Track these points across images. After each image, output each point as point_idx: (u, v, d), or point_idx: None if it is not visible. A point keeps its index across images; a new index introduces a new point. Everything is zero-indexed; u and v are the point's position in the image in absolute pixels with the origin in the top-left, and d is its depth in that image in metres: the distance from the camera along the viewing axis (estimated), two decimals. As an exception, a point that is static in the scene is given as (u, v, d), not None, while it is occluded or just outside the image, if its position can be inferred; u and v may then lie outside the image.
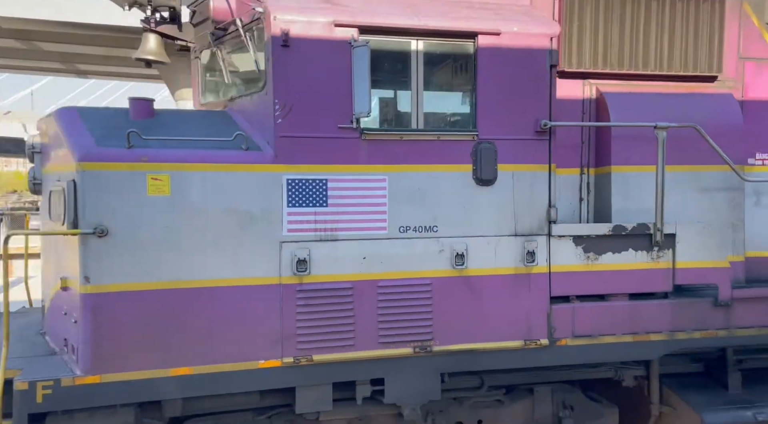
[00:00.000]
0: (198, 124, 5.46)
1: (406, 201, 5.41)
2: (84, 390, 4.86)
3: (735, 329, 6.19)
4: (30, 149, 5.97)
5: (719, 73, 6.51)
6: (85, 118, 5.31)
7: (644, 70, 6.29)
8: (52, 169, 5.56)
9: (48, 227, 5.64)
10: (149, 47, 6.18)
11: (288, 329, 5.20)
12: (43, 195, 5.95)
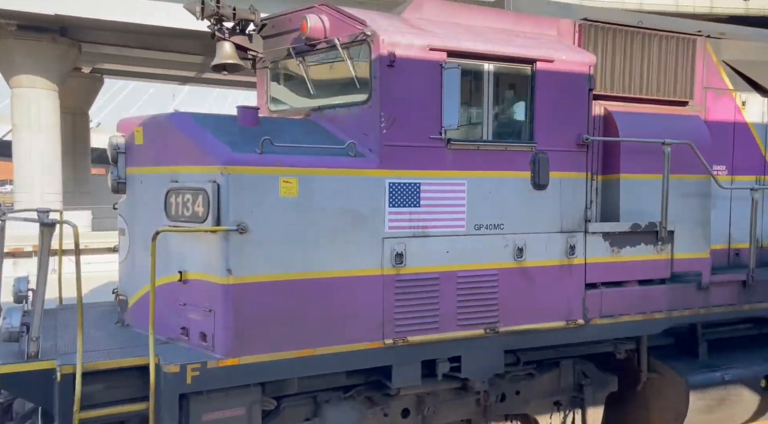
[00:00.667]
0: (299, 132, 5.97)
1: (480, 203, 6.22)
2: (225, 372, 5.30)
3: (711, 308, 7.53)
4: (115, 150, 6.20)
5: (691, 99, 7.81)
6: (202, 123, 5.70)
7: (640, 94, 7.45)
8: (158, 170, 5.86)
9: (144, 225, 5.93)
10: (226, 53, 6.54)
11: (388, 314, 5.86)
12: (128, 193, 6.22)
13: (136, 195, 6.18)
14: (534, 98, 6.42)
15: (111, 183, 6.28)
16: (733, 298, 7.71)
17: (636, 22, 7.62)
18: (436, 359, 6.21)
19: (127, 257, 6.29)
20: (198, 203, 5.43)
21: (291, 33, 6.52)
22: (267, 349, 5.44)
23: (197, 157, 5.48)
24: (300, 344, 5.55)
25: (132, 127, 6.20)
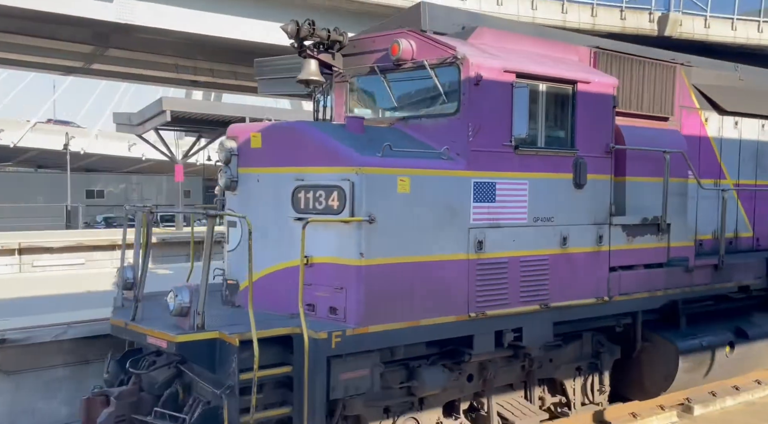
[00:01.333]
0: (395, 139, 6.92)
1: (537, 199, 7.40)
2: (357, 339, 6.20)
3: (694, 286, 9.05)
4: (229, 152, 6.96)
5: (671, 115, 9.31)
6: (324, 131, 6.60)
7: (637, 111, 8.86)
8: (278, 170, 6.69)
9: (260, 217, 6.71)
10: (312, 70, 7.41)
11: (471, 292, 6.93)
12: (241, 190, 7.00)
13: (251, 191, 6.95)
14: (575, 112, 7.66)
15: (225, 181, 7.01)
16: (708, 279, 9.26)
17: (632, 51, 9.05)
18: (503, 330, 7.32)
19: (239, 245, 7.04)
20: (332, 198, 6.30)
21: (374, 53, 7.46)
22: (386, 320, 6.38)
23: (329, 159, 6.36)
24: (409, 317, 6.52)
25: (246, 132, 6.98)
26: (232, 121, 27.16)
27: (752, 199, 10.49)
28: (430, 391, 7.01)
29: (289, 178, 6.61)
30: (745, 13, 37.05)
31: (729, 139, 10.22)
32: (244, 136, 7.00)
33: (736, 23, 36.56)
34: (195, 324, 5.94)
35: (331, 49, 7.51)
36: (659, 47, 11.12)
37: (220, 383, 5.92)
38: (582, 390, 8.63)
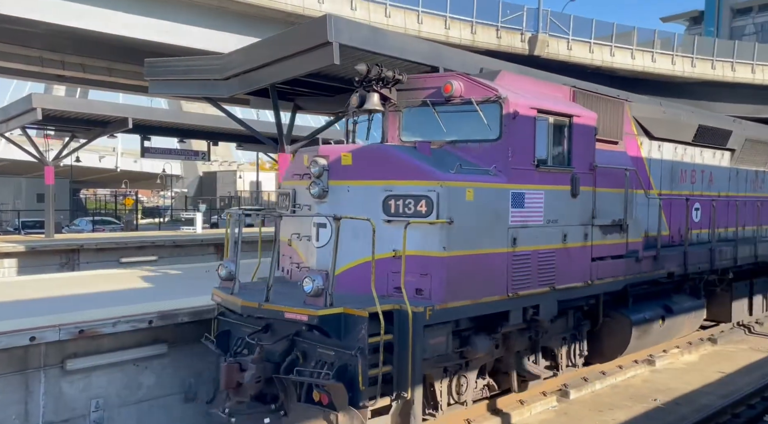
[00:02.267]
0: (450, 159, 8.69)
1: (549, 205, 9.39)
2: (441, 312, 7.92)
3: (642, 273, 11.39)
4: (322, 168, 8.49)
5: (620, 140, 11.61)
6: (405, 152, 8.29)
7: (600, 137, 11.07)
8: (367, 183, 8.28)
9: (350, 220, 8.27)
10: (375, 102, 9.07)
11: (509, 277, 8.81)
12: (331, 198, 8.54)
13: (340, 199, 8.48)
14: (571, 139, 9.74)
15: (317, 191, 8.50)
16: (650, 267, 11.65)
17: (595, 90, 11.30)
18: (527, 306, 9.25)
19: (329, 242, 8.54)
20: (421, 205, 7.98)
21: (425, 90, 9.19)
22: (458, 299, 8.14)
23: (417, 175, 8.03)
24: (472, 296, 8.32)
25: (336, 152, 8.53)
26: (111, 122, 26.86)
27: (669, 206, 12.99)
28: (478, 355, 8.83)
29: (379, 189, 8.23)
30: (600, 38, 40.29)
31: (655, 159, 12.68)
32: (335, 155, 8.54)
33: (593, 47, 39.59)
34: (328, 302, 7.45)
35: (390, 86, 9.19)
36: (528, 65, 13.61)
37: (344, 347, 7.45)
38: (567, 355, 10.74)
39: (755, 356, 13.66)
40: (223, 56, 14.46)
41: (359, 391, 7.28)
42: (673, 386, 11.59)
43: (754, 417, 10.10)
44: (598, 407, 10.41)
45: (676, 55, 43.00)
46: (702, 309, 13.49)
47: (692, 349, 13.90)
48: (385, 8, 32.17)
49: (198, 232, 29.73)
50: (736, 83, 45.26)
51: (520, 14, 37.59)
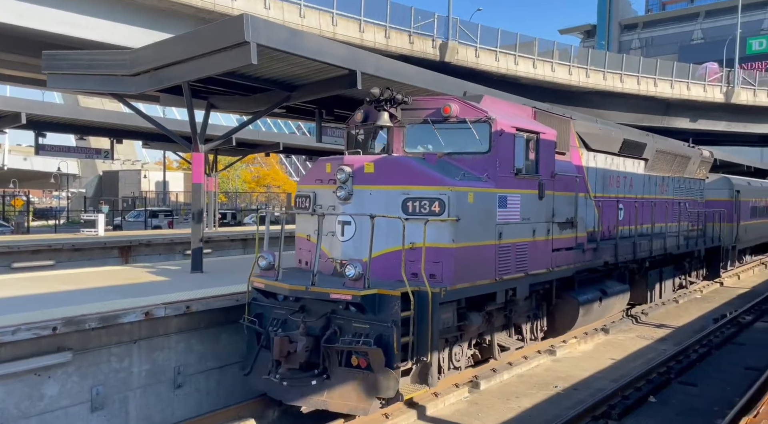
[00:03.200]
0: (451, 168, 10.39)
1: (523, 206, 11.24)
2: (450, 293, 9.60)
3: (586, 262, 13.47)
4: (348, 175, 10.01)
5: (568, 151, 13.65)
6: (420, 162, 9.94)
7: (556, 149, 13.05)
8: (387, 188, 9.86)
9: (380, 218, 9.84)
10: (385, 119, 10.67)
11: (496, 265, 10.59)
12: (355, 200, 10.07)
13: (363, 201, 10.02)
14: (538, 151, 11.63)
15: (344, 194, 10.01)
16: (592, 257, 13.76)
17: (549, 110, 13.28)
18: (508, 288, 11.08)
19: (354, 236, 10.07)
20: (435, 206, 9.62)
21: (426, 110, 10.84)
22: (461, 282, 9.85)
23: (430, 181, 9.68)
24: (470, 280, 10.04)
25: (360, 162, 10.07)
26: (2, 117, 24.67)
27: (601, 206, 15.17)
28: (472, 328, 10.57)
29: (398, 193, 9.83)
30: (505, 47, 41.86)
31: (591, 167, 14.81)
32: (359, 164, 10.08)
33: (499, 55, 41.12)
34: (366, 285, 9.00)
35: (395, 105, 10.80)
36: (440, 71, 15.47)
37: (379, 320, 9.01)
38: (530, 330, 12.65)
39: (641, 344, 14.88)
40: (132, 51, 13.57)
41: (393, 355, 8.88)
42: (572, 373, 12.39)
43: (641, 398, 10.86)
44: (506, 396, 11.05)
45: (573, 65, 45.57)
46: (627, 292, 15.80)
47: (588, 339, 14.87)
48: (300, 8, 31.77)
49: (100, 234, 27.62)
50: (625, 93, 48.79)
51: (432, 21, 38.19)
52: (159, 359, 10.30)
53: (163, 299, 10.58)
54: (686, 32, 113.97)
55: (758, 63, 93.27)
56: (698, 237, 21.09)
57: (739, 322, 17.17)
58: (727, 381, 12.10)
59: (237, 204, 70.36)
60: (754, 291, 23.46)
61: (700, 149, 21.87)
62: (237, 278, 12.85)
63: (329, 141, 18.52)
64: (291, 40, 11.87)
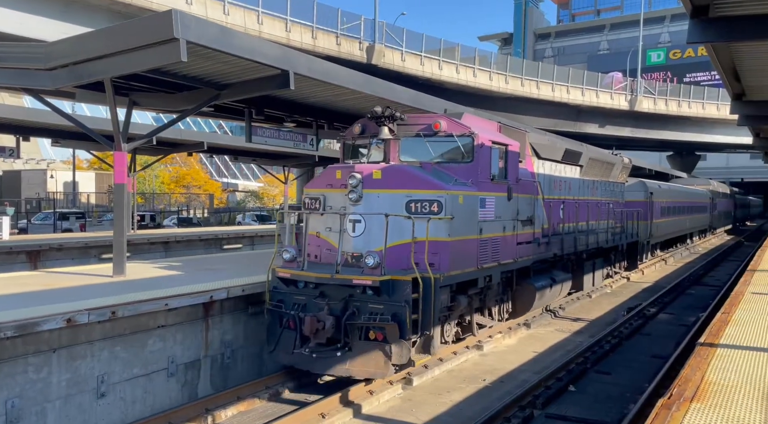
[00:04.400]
0: (442, 175, 12.24)
1: (496, 206, 13.22)
2: (447, 278, 11.46)
3: (540, 254, 15.61)
4: (358, 181, 11.72)
5: (524, 159, 15.74)
6: (420, 170, 11.75)
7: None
8: (392, 191, 11.63)
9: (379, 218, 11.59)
10: (386, 132, 12.44)
11: (478, 255, 12.53)
12: (365, 202, 11.79)
13: (373, 202, 11.74)
14: (507, 160, 13.64)
15: (356, 197, 11.71)
16: (544, 250, 15.92)
17: (510, 124, 15.35)
18: (486, 275, 13.02)
19: (363, 233, 11.78)
20: (434, 206, 11.45)
21: (418, 125, 12.66)
22: (454, 269, 11.73)
23: (430, 186, 11.50)
24: (460, 268, 11.93)
25: (369, 169, 11.78)
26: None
27: (550, 206, 17.36)
28: (460, 308, 12.46)
29: (402, 195, 11.61)
30: (429, 51, 42.62)
31: (541, 173, 16.97)
32: (368, 171, 11.80)
33: (424, 60, 41.85)
34: (383, 272, 10.75)
35: (393, 121, 12.58)
36: (367, 73, 15.78)
37: (393, 301, 10.76)
38: (498, 312, 14.67)
39: (560, 337, 15.61)
40: (48, 44, 12.72)
41: (406, 329, 10.66)
42: (498, 366, 12.87)
43: (562, 387, 11.44)
44: (437, 391, 11.40)
45: (493, 72, 47.34)
46: (570, 280, 18.10)
47: (512, 333, 15.36)
48: (224, 5, 30.93)
49: (5, 238, 25.54)
50: (541, 100, 51.25)
51: (358, 23, 38.34)
52: (81, 368, 9.59)
53: (86, 304, 9.92)
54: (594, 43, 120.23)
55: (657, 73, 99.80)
56: (621, 233, 23.78)
57: (644, 314, 18.35)
58: (637, 369, 12.92)
59: (155, 206, 67.71)
60: (656, 285, 24.79)
61: (622, 157, 24.60)
62: (162, 281, 12.78)
63: (259, 141, 17.21)
64: (222, 38, 11.33)
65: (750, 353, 8.17)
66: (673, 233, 35.65)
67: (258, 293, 12.36)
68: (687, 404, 6.17)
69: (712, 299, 20.21)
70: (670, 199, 34.08)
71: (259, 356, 12.70)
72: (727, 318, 10.37)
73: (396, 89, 15.87)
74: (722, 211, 57.87)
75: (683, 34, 11.14)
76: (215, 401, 10.67)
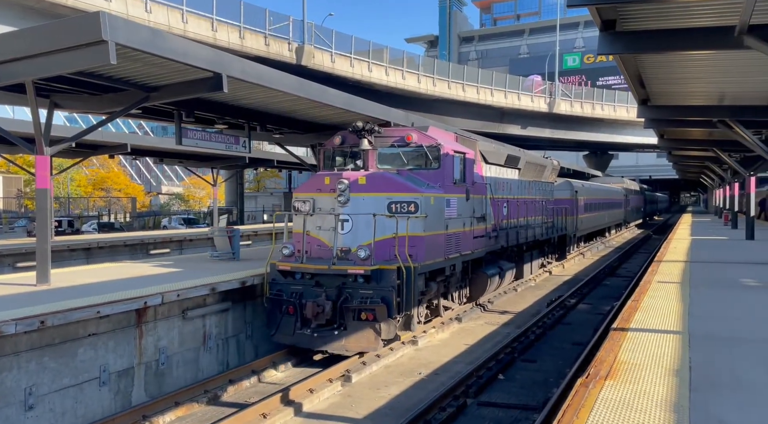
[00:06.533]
0: (415, 179, 14.29)
1: (458, 206, 15.39)
2: (423, 267, 13.49)
3: (491, 246, 17.90)
4: (346, 185, 13.66)
5: (476, 164, 18.00)
6: (398, 176, 13.79)
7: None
8: (376, 194, 13.61)
9: (364, 217, 13.56)
10: (365, 144, 14.40)
11: (445, 248, 14.65)
12: (351, 204, 13.73)
13: (359, 204, 13.67)
14: (465, 166, 15.82)
15: (344, 199, 13.63)
16: (494, 243, 18.21)
17: (466, 135, 17.57)
18: (451, 264, 15.16)
19: (351, 230, 13.70)
20: (411, 206, 13.47)
21: (392, 137, 14.68)
22: (428, 260, 13.79)
23: (407, 189, 13.52)
24: (432, 258, 14.01)
25: (355, 176, 13.71)
26: None
27: (496, 205, 19.65)
28: (430, 293, 14.55)
29: (384, 198, 13.58)
30: (358, 53, 42.74)
31: (489, 176, 19.23)
32: (354, 177, 13.73)
33: (354, 61, 42.16)
34: (372, 263, 12.74)
35: (371, 134, 14.56)
36: (297, 74, 15.39)
37: (381, 287, 12.74)
38: (458, 297, 16.86)
39: (489, 329, 16.22)
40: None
41: (393, 309, 12.68)
42: (433, 359, 13.34)
43: (492, 376, 12.06)
44: (376, 386, 11.69)
45: (421, 74, 48.64)
46: (514, 269, 20.51)
47: (445, 328, 15.90)
48: (145, 3, 29.93)
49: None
50: (467, 102, 53.25)
51: (287, 24, 37.98)
52: (7, 380, 9.20)
53: (12, 314, 9.50)
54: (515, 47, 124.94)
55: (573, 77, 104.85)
56: (552, 227, 26.46)
57: (566, 305, 19.34)
58: (560, 356, 13.63)
59: (71, 211, 64.64)
60: (576, 278, 25.89)
61: (552, 159, 27.29)
62: (90, 289, 12.38)
63: (190, 144, 16.36)
64: (153, 40, 10.93)
65: (655, 335, 8.86)
66: (595, 227, 38.94)
67: (192, 297, 12.49)
68: (602, 382, 6.65)
69: (625, 288, 21.47)
70: (592, 196, 37.28)
71: (195, 361, 12.76)
72: (636, 305, 11.07)
73: (329, 92, 15.66)
74: (634, 206, 62.22)
75: (596, 39, 12.01)
76: (153, 408, 10.48)
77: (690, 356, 7.75)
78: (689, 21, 11.28)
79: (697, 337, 8.72)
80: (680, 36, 11.66)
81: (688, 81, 16.25)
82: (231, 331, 13.69)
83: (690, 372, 7.04)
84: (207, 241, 27.77)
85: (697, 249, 22.28)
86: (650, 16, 11.21)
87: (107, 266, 17.51)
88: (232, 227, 25.23)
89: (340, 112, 16.48)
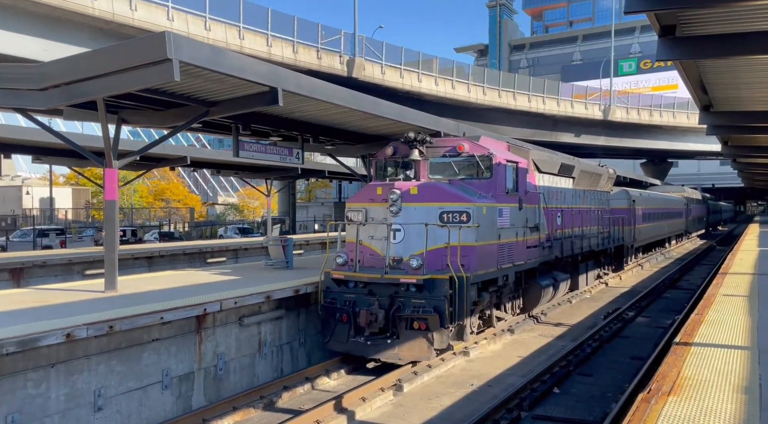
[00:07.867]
0: (467, 189, 14.45)
1: (510, 215, 15.46)
2: (475, 277, 13.63)
3: (545, 256, 17.88)
4: (398, 196, 13.89)
5: (529, 173, 18.03)
6: (450, 186, 13.96)
7: (521, 172, 17.43)
8: (427, 204, 13.80)
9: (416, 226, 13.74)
10: (416, 155, 14.63)
11: (497, 258, 14.74)
12: (403, 213, 13.95)
13: (410, 214, 13.89)
14: (517, 175, 15.90)
15: (396, 209, 13.87)
16: (548, 253, 18.18)
17: (516, 143, 17.64)
18: (504, 275, 15.23)
19: (403, 240, 13.92)
20: (463, 216, 13.63)
21: (444, 147, 14.88)
22: (480, 270, 13.91)
23: (459, 200, 13.69)
24: (485, 268, 14.13)
25: (407, 186, 13.94)
26: None
27: (549, 215, 19.62)
28: (483, 303, 14.66)
29: (436, 208, 13.78)
30: (408, 64, 43.04)
31: (541, 185, 19.23)
32: (406, 188, 13.97)
33: (403, 72, 42.50)
34: (424, 272, 12.93)
35: (423, 144, 14.78)
36: (347, 86, 15.72)
37: (433, 297, 12.91)
38: (511, 307, 16.90)
39: (543, 341, 16.11)
40: (40, 65, 12.92)
41: (446, 319, 12.83)
42: (485, 371, 13.27)
43: (547, 390, 11.88)
44: (428, 396, 11.75)
45: (471, 83, 48.76)
46: (569, 280, 20.41)
47: (497, 339, 15.82)
48: (205, 21, 31.25)
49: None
50: (517, 110, 53.08)
51: (338, 38, 39.02)
52: (78, 382, 9.71)
53: (84, 319, 10.07)
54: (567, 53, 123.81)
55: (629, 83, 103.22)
56: (609, 237, 26.20)
57: (623, 318, 19.02)
58: (617, 370, 13.43)
59: (134, 220, 67.23)
60: (633, 290, 25.48)
61: (608, 168, 27.06)
62: (153, 296, 12.89)
63: (246, 156, 16.92)
64: (213, 57, 11.54)
65: (721, 350, 8.58)
66: (654, 237, 38.31)
67: (248, 304, 12.88)
68: (665, 398, 6.45)
69: (687, 301, 21.11)
70: (651, 205, 36.73)
71: (251, 367, 13.16)
72: (700, 319, 10.82)
73: (381, 104, 16.13)
74: (696, 216, 60.88)
75: (653, 44, 11.65)
76: (212, 412, 10.85)
77: (760, 372, 7.50)
78: (754, 24, 11.16)
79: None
80: (744, 40, 11.49)
81: (753, 86, 15.95)
82: (285, 338, 14.07)
83: (760, 390, 6.81)
84: (261, 250, 29.21)
85: (766, 261, 21.54)
86: (712, 20, 11.09)
87: (168, 274, 18.36)
88: (286, 236, 25.76)
89: (390, 124, 16.76)
